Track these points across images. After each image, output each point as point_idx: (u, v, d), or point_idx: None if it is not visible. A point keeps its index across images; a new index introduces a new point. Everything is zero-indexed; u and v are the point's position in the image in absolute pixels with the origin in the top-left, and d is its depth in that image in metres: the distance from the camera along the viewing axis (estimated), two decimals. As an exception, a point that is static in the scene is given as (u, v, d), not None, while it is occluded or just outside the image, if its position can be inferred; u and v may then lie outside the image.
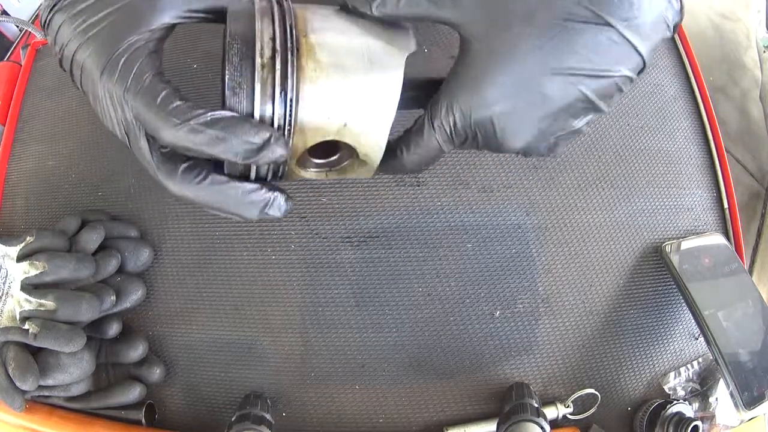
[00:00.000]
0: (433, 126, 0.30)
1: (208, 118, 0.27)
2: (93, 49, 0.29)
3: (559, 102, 0.28)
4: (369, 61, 0.29)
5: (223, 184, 0.29)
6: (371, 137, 0.31)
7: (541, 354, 0.45)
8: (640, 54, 0.27)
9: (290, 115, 0.28)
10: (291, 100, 0.28)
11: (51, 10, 0.30)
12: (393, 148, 0.32)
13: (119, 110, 0.29)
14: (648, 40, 0.27)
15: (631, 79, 0.28)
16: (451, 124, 0.29)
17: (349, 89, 0.29)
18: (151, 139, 0.29)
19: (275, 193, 0.31)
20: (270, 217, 0.31)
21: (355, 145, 0.31)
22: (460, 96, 0.29)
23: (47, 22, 0.31)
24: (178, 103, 0.27)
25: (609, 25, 0.26)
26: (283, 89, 0.28)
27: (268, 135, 0.27)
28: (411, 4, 0.28)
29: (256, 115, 0.28)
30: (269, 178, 0.31)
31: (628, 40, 0.27)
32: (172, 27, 0.30)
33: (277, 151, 0.28)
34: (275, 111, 0.28)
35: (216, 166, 0.30)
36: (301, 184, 0.47)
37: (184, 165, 0.29)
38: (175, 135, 0.27)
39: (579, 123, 0.30)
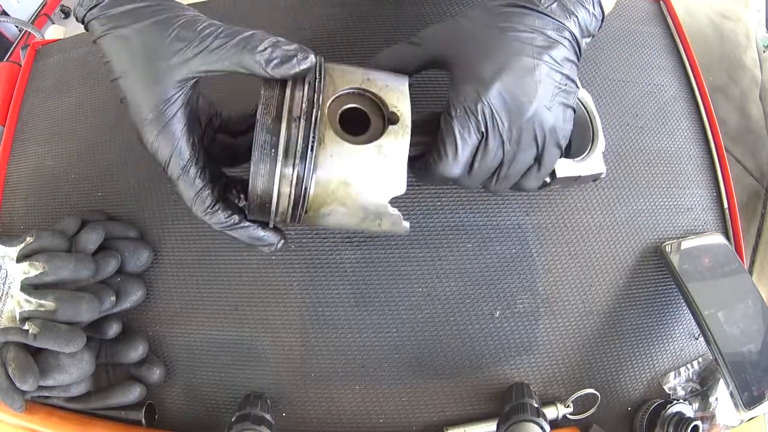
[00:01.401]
0: (452, 119, 0.34)
1: (236, 228, 0.35)
2: (132, 93, 0.33)
3: (530, 59, 0.34)
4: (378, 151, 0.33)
5: (245, 228, 0.36)
6: (372, 199, 0.34)
7: (541, 354, 0.45)
8: (564, 26, 0.35)
9: (307, 179, 0.32)
10: (309, 166, 0.31)
11: (87, 13, 0.33)
12: (427, 161, 0.36)
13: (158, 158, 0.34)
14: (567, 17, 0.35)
15: (572, 43, 0.35)
16: (466, 109, 0.33)
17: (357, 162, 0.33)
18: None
19: (277, 237, 0.37)
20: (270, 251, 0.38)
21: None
22: (464, 87, 0.34)
23: (85, 22, 0.34)
24: (213, 208, 0.34)
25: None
26: (303, 157, 0.31)
27: (276, 240, 0.37)
28: (401, 61, 0.37)
29: (276, 175, 0.31)
30: (291, 218, 0.34)
31: (548, 16, 0.35)
32: (198, 80, 0.34)
33: (274, 246, 0.37)
34: (294, 174, 0.31)
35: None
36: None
37: (217, 207, 0.35)
38: (204, 222, 0.35)
39: (563, 92, 0.35)
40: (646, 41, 0.56)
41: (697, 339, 0.47)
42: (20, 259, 0.41)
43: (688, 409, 0.44)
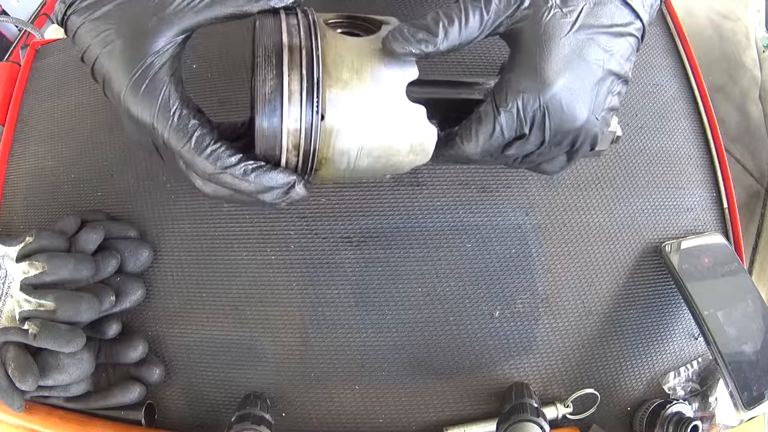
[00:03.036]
0: (498, 111, 0.32)
1: (243, 168, 0.30)
2: (113, 63, 0.30)
3: (597, 65, 0.32)
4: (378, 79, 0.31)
5: (258, 172, 0.31)
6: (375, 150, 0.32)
7: (540, 354, 0.45)
8: (639, 17, 0.33)
9: (317, 123, 0.30)
10: (317, 106, 0.29)
11: (67, 9, 0.31)
12: (452, 138, 0.34)
13: (146, 134, 0.31)
14: (643, 8, 0.33)
15: (638, 40, 0.34)
16: (519, 107, 0.32)
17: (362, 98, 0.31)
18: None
19: (292, 175, 0.32)
20: (292, 199, 0.32)
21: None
22: (523, 82, 0.31)
23: (64, 20, 0.32)
24: (213, 147, 0.30)
25: None
26: (310, 95, 0.29)
27: (292, 179, 0.31)
28: (469, 32, 0.32)
29: (284, 127, 0.29)
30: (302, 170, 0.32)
31: (628, 5, 0.33)
32: (188, 36, 0.31)
33: (300, 193, 0.32)
34: (303, 118, 0.29)
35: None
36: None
37: (219, 145, 0.31)
38: (211, 176, 0.31)
39: (614, 97, 0.34)
40: (645, 41, 0.56)
41: (697, 339, 0.47)
42: (20, 258, 0.41)
43: (687, 409, 0.44)
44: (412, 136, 0.32)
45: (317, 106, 0.29)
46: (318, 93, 0.29)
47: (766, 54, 1.04)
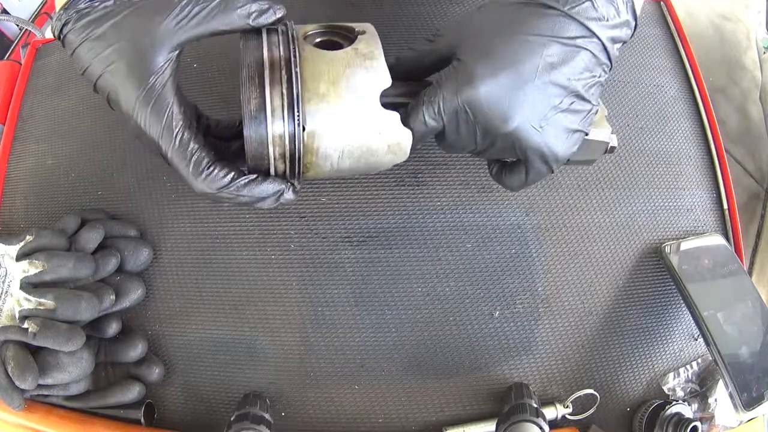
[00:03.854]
0: (424, 103, 0.34)
1: (236, 186, 0.33)
2: (119, 81, 0.32)
3: (531, 73, 0.31)
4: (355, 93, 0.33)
5: (249, 185, 0.34)
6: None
7: (540, 354, 0.45)
8: (592, 32, 0.32)
9: (299, 134, 0.32)
10: (298, 119, 0.32)
11: (63, 27, 0.33)
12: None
13: (154, 145, 0.33)
14: (598, 24, 0.32)
15: (593, 56, 0.32)
16: (440, 104, 0.33)
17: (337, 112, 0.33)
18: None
19: (282, 183, 0.35)
20: (284, 203, 0.36)
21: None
22: (448, 81, 0.33)
23: (61, 37, 0.34)
24: (208, 171, 0.33)
25: (549, 6, 0.32)
26: (291, 109, 0.32)
27: (282, 188, 0.35)
28: (419, 58, 0.37)
29: (270, 139, 0.32)
30: (292, 172, 0.35)
31: (574, 19, 0.32)
32: (181, 50, 0.34)
33: (289, 198, 0.35)
34: (286, 130, 0.32)
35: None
36: (301, 183, 0.47)
37: (214, 167, 0.34)
38: (206, 194, 0.34)
39: (571, 115, 0.33)
40: (646, 42, 0.56)
41: (697, 340, 0.47)
42: (20, 257, 0.41)
43: (687, 410, 0.44)
44: (389, 138, 0.34)
45: (298, 119, 0.32)
46: (298, 107, 0.32)
47: (767, 55, 1.04)
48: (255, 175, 0.34)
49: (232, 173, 0.33)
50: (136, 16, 0.32)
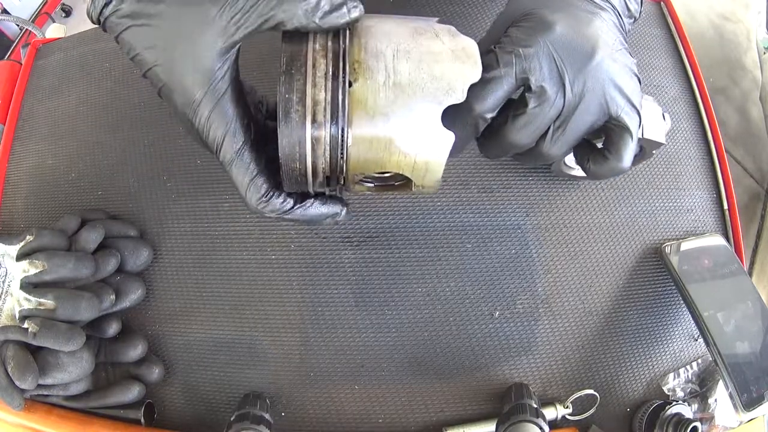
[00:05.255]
0: (498, 60, 0.31)
1: (293, 212, 0.33)
2: (172, 80, 0.30)
3: (586, 11, 0.33)
4: (421, 88, 0.29)
5: (303, 209, 0.34)
6: (424, 159, 0.30)
7: (540, 354, 0.45)
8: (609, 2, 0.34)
9: (342, 139, 0.29)
10: (343, 127, 0.28)
11: (103, 8, 0.30)
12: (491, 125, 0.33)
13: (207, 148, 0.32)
14: None
15: (617, 15, 0.35)
16: (519, 50, 0.31)
17: (402, 115, 0.29)
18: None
19: (339, 206, 0.35)
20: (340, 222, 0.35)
21: (406, 171, 0.31)
22: (520, 32, 0.32)
23: (101, 21, 0.31)
24: (268, 195, 0.32)
25: None
26: (335, 115, 0.28)
27: (337, 210, 0.34)
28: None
29: (308, 141, 0.29)
30: (332, 186, 0.32)
31: None
32: (239, 48, 0.31)
33: (342, 218, 0.35)
34: (327, 135, 0.29)
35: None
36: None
37: (272, 194, 0.33)
38: (258, 212, 0.33)
39: (626, 53, 0.34)
40: (646, 42, 0.56)
41: (697, 340, 0.47)
42: (20, 257, 0.41)
43: (687, 410, 0.44)
44: (450, 43, 0.30)
45: (344, 73, 0.28)
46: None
47: (767, 55, 1.04)
48: (312, 200, 0.33)
49: (290, 201, 0.33)
50: (186, 6, 0.30)
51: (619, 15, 0.34)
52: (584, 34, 0.32)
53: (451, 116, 0.30)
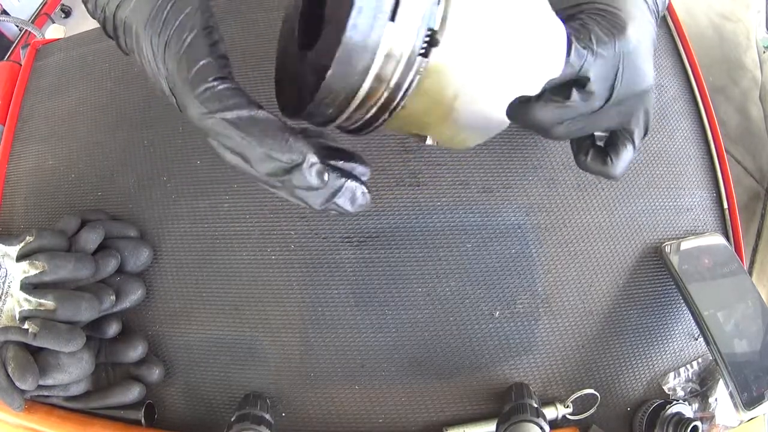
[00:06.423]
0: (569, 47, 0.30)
1: (240, 116, 0.23)
2: (134, 4, 0.26)
3: (650, 25, 0.33)
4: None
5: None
6: (469, 137, 0.28)
7: (540, 354, 0.45)
8: None
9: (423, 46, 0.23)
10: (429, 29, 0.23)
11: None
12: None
13: (161, 67, 0.25)
14: None
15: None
16: (592, 46, 0.30)
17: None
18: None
19: (349, 182, 0.26)
20: (339, 210, 0.27)
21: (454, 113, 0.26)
22: (595, 24, 0.30)
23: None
24: (212, 84, 0.23)
25: None
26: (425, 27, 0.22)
27: (300, 159, 0.23)
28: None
29: (381, 50, 0.22)
30: (359, 126, 0.26)
31: None
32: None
33: (309, 181, 0.23)
34: (408, 50, 0.22)
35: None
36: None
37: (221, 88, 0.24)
38: (198, 122, 0.24)
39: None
40: (646, 42, 0.56)
41: (697, 339, 0.47)
42: (20, 258, 0.41)
43: (687, 410, 0.44)
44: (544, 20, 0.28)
45: None
46: None
47: (767, 55, 1.04)
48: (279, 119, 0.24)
49: (247, 109, 0.23)
50: None
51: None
52: (646, 54, 0.31)
53: None
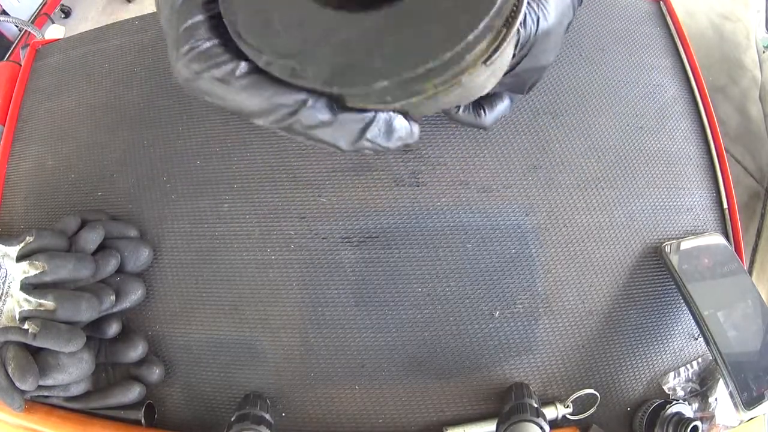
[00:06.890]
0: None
1: (228, 71, 0.21)
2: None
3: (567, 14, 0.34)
4: None
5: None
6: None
7: (540, 354, 0.45)
8: None
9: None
10: None
11: None
12: None
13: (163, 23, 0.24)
14: None
15: None
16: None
17: None
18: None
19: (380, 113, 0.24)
20: (375, 147, 0.24)
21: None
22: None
23: None
24: (200, 42, 0.22)
25: None
26: None
27: (304, 97, 0.22)
28: None
29: None
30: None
31: None
32: None
33: (318, 116, 0.22)
34: None
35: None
36: (301, 183, 0.47)
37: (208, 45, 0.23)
38: (185, 82, 0.23)
39: None
40: (646, 42, 0.56)
41: (697, 339, 0.47)
42: (20, 258, 0.41)
43: (687, 410, 0.44)
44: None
45: None
46: None
47: (766, 55, 1.04)
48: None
49: (241, 64, 0.22)
50: None
51: None
52: (558, 35, 0.33)
53: None
